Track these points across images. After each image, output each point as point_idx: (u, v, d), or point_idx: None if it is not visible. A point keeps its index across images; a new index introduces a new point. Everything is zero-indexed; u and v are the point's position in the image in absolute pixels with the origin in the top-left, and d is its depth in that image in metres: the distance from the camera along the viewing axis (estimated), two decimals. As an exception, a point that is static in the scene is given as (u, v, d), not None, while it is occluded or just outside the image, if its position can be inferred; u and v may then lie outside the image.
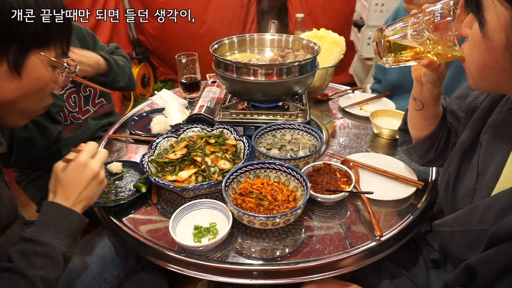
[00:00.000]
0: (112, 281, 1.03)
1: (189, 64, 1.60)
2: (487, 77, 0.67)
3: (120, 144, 1.35)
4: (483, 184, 0.77)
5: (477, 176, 0.78)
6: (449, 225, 0.78)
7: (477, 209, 0.71)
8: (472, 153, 0.83)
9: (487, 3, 0.60)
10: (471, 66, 0.69)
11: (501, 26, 0.59)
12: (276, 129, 1.23)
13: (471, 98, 0.88)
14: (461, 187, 0.82)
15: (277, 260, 0.86)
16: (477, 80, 0.70)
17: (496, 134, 0.77)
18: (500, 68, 0.63)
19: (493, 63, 0.64)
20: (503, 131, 0.76)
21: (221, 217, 0.94)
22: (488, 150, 0.78)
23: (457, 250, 0.78)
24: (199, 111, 1.31)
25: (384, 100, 1.57)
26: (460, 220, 0.75)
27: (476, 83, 0.71)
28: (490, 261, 0.67)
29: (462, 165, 0.85)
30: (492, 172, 0.75)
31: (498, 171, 0.74)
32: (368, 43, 2.86)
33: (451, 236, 0.78)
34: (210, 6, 3.22)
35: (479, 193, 0.77)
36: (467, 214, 0.74)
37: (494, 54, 0.62)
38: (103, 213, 1.02)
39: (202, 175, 1.05)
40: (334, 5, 3.18)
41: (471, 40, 0.66)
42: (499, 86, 0.69)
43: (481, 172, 0.78)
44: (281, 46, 1.48)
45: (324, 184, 1.02)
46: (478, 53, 0.65)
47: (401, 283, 0.98)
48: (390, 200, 1.01)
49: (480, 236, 0.69)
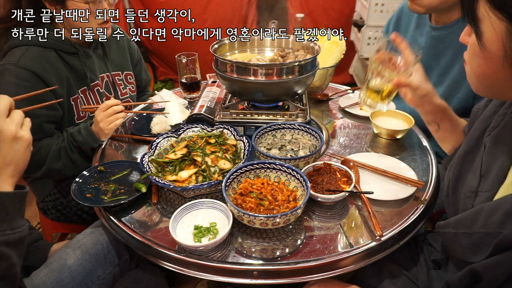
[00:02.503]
0: (106, 278, 1.03)
1: (189, 64, 1.60)
2: (487, 84, 0.68)
3: (120, 144, 1.35)
4: (485, 186, 0.76)
5: (480, 178, 0.78)
6: (452, 227, 0.78)
7: (481, 212, 0.71)
8: (473, 154, 0.83)
9: (482, 15, 0.60)
10: (471, 74, 0.69)
11: (498, 37, 0.59)
12: (276, 129, 1.23)
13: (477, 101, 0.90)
14: (462, 189, 0.82)
15: (277, 260, 0.86)
16: (478, 86, 0.70)
17: (499, 137, 0.77)
18: (500, 77, 0.63)
19: (492, 73, 0.64)
20: (506, 134, 0.76)
21: (221, 217, 0.94)
22: (491, 152, 0.78)
23: (460, 252, 0.78)
24: (199, 111, 1.31)
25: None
26: (464, 222, 0.75)
27: (477, 89, 0.71)
28: (496, 267, 0.67)
29: (464, 166, 0.85)
30: (494, 174, 0.75)
31: (500, 174, 0.74)
32: (368, 43, 2.86)
33: (455, 238, 0.77)
34: (210, 6, 3.22)
35: (481, 195, 0.76)
36: (471, 216, 0.73)
37: (492, 64, 0.62)
38: (103, 213, 1.02)
39: (202, 175, 1.05)
40: (334, 5, 3.17)
41: (470, 50, 0.66)
42: (499, 93, 0.69)
43: (484, 174, 0.77)
44: (281, 46, 1.48)
45: (324, 184, 1.02)
46: (477, 62, 0.65)
47: (402, 283, 0.98)
48: (390, 200, 1.01)
49: (484, 239, 0.69)
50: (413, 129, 1.35)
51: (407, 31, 1.55)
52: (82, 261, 1.01)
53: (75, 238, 1.08)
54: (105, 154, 1.28)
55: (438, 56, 1.40)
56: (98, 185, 1.09)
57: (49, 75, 1.27)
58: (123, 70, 1.61)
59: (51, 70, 1.29)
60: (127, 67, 1.64)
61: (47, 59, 1.28)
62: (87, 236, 1.07)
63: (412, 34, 1.51)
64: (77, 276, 0.98)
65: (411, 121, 1.32)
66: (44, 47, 1.29)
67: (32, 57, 1.24)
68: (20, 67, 1.21)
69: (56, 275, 0.97)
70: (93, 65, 1.45)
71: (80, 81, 1.40)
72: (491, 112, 0.83)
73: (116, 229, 0.99)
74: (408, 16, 1.55)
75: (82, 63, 1.38)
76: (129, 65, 1.65)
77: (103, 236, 1.07)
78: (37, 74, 1.24)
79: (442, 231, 0.82)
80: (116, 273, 1.07)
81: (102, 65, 1.50)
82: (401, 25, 1.59)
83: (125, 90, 1.61)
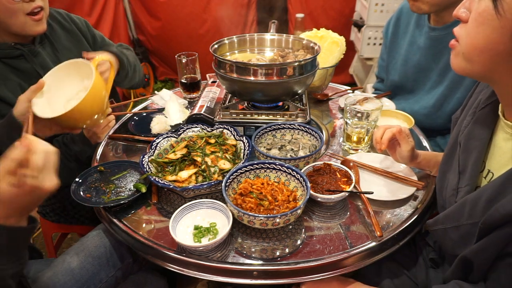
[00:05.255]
0: (108, 281, 1.03)
1: (189, 64, 1.60)
2: (482, 59, 0.66)
3: (120, 144, 1.35)
4: (464, 181, 0.80)
5: (459, 174, 0.82)
6: (441, 223, 0.81)
7: (465, 204, 0.74)
8: (452, 155, 0.87)
9: None
10: (467, 48, 0.67)
11: None
12: (276, 129, 1.23)
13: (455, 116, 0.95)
14: (446, 189, 0.86)
15: (277, 260, 0.86)
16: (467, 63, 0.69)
17: (471, 134, 0.81)
18: (502, 50, 0.63)
19: (496, 44, 0.63)
20: (476, 130, 0.80)
21: (221, 217, 0.94)
22: (466, 149, 0.81)
23: (451, 246, 0.80)
24: (199, 111, 1.31)
25: (384, 100, 1.57)
26: (451, 216, 0.78)
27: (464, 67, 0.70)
28: (484, 251, 0.69)
29: (446, 168, 0.89)
30: (470, 169, 0.79)
31: (475, 167, 0.79)
32: (368, 43, 2.86)
33: (444, 233, 0.80)
34: (210, 6, 3.22)
35: (462, 191, 0.80)
36: (457, 210, 0.76)
37: (502, 34, 0.61)
38: (103, 213, 1.02)
39: (202, 175, 1.05)
40: (334, 5, 3.18)
41: (477, 19, 0.64)
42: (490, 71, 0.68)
43: (462, 171, 0.81)
44: (281, 46, 1.48)
45: (324, 184, 1.02)
46: (484, 32, 0.63)
47: (401, 282, 0.99)
48: (390, 200, 1.01)
49: (471, 230, 0.72)
50: (413, 129, 1.35)
51: (406, 31, 1.55)
52: (85, 264, 1.01)
53: (79, 241, 1.09)
54: (105, 154, 1.28)
55: (437, 56, 1.40)
56: (98, 185, 1.09)
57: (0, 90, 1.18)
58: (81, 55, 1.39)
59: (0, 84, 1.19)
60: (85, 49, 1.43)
61: None
62: (90, 239, 1.07)
63: (411, 35, 1.52)
64: (80, 279, 0.98)
65: (411, 121, 1.32)
66: None
67: None
68: None
69: (59, 278, 0.97)
70: (45, 61, 1.30)
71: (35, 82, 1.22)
72: (464, 115, 0.87)
73: (116, 230, 0.99)
74: (407, 17, 1.55)
75: (31, 63, 1.26)
76: (87, 47, 1.47)
77: (106, 239, 1.07)
78: None
79: (432, 229, 0.85)
80: (119, 276, 1.06)
81: (54, 58, 1.35)
82: (400, 26, 1.59)
83: None
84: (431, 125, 1.45)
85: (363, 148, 1.23)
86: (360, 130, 1.19)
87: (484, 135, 0.79)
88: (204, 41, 3.25)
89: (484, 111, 0.80)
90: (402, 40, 1.58)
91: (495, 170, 0.77)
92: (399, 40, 1.60)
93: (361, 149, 1.23)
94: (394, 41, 1.62)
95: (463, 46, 0.68)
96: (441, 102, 1.40)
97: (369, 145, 1.24)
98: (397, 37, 1.61)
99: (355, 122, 1.18)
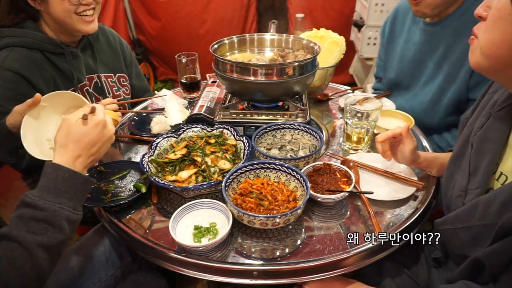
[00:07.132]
0: (107, 280, 1.03)
1: (189, 64, 1.60)
2: (498, 56, 0.67)
3: (120, 144, 1.35)
4: (474, 184, 0.79)
5: (468, 176, 0.81)
6: (450, 223, 0.80)
7: (477, 205, 0.73)
8: (462, 156, 0.86)
9: None
10: (484, 43, 0.68)
11: None
12: (276, 129, 1.23)
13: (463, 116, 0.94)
14: (453, 190, 0.85)
15: (277, 260, 0.86)
16: (484, 59, 0.69)
17: (485, 136, 0.80)
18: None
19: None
20: (491, 132, 0.79)
21: (221, 217, 0.94)
22: (478, 151, 0.80)
23: (460, 247, 0.79)
24: (199, 111, 1.30)
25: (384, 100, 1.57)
26: (461, 217, 0.77)
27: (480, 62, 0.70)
28: (498, 254, 0.68)
29: (454, 168, 0.88)
30: (483, 171, 0.78)
31: (488, 170, 0.77)
32: (368, 43, 2.86)
33: (453, 233, 0.79)
34: (210, 6, 3.22)
35: (471, 193, 0.79)
36: (468, 210, 0.75)
37: None
38: (103, 213, 1.02)
39: (202, 175, 1.05)
40: (334, 5, 3.17)
41: (495, 15, 0.65)
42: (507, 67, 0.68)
43: (472, 173, 0.80)
44: (281, 46, 1.48)
45: (324, 184, 1.02)
46: (501, 27, 0.64)
47: (402, 281, 0.99)
48: (390, 200, 1.01)
49: (483, 231, 0.71)
50: (413, 129, 1.35)
51: (402, 30, 1.58)
52: (84, 263, 1.01)
53: (78, 240, 1.09)
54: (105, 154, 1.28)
55: (432, 50, 1.42)
56: (98, 185, 1.09)
57: (34, 76, 1.27)
58: (116, 72, 1.60)
59: (37, 71, 1.28)
60: (120, 69, 1.62)
61: (32, 60, 1.28)
62: (89, 238, 1.07)
63: (407, 32, 1.55)
64: (79, 278, 0.98)
65: (411, 121, 1.32)
66: (29, 48, 1.28)
67: (16, 59, 1.24)
68: (5, 69, 1.21)
69: (58, 276, 0.97)
70: (81, 65, 1.43)
71: (67, 81, 1.39)
72: (477, 116, 0.86)
73: (116, 229, 0.99)
74: (403, 16, 1.58)
75: (69, 64, 1.37)
76: (123, 68, 1.64)
77: (105, 238, 1.07)
78: (22, 75, 1.24)
79: (440, 228, 0.84)
80: (118, 276, 1.06)
81: (90, 65, 1.49)
82: (396, 25, 1.62)
83: (118, 92, 1.60)
84: (429, 122, 1.45)
85: (363, 148, 1.23)
86: (360, 130, 1.19)
87: (500, 137, 0.77)
88: (204, 41, 3.25)
89: (500, 113, 0.79)
90: (398, 39, 1.60)
91: (508, 173, 0.76)
92: (396, 39, 1.61)
93: (361, 149, 1.23)
94: (391, 40, 1.64)
95: (481, 41, 0.69)
96: (438, 96, 1.41)
97: (369, 145, 1.24)
98: (393, 36, 1.62)
99: (355, 122, 1.18)
